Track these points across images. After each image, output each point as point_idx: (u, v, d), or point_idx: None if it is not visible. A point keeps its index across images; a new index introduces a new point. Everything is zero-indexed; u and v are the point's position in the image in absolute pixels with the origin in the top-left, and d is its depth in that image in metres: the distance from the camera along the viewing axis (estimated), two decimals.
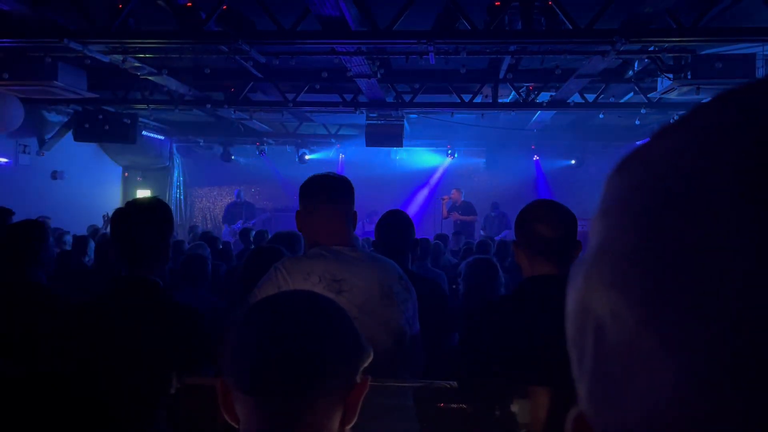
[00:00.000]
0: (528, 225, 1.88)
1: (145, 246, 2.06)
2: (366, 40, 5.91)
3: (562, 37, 5.63)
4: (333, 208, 2.11)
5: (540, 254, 1.85)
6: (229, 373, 0.88)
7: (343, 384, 0.91)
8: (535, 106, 8.81)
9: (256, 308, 0.93)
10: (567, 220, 1.88)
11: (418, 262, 6.11)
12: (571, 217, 1.90)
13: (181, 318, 2.06)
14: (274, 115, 10.91)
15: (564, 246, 1.86)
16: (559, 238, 1.84)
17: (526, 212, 1.92)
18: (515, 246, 1.93)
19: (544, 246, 1.84)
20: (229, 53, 6.28)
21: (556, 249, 1.84)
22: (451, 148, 13.62)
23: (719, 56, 6.20)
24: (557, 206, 1.92)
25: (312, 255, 2.08)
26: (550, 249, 1.84)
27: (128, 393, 1.86)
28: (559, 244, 1.84)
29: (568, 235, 1.87)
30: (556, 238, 1.84)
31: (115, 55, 6.61)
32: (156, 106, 9.64)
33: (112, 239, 2.08)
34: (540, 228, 1.85)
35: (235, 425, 0.89)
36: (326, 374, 0.88)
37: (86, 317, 1.98)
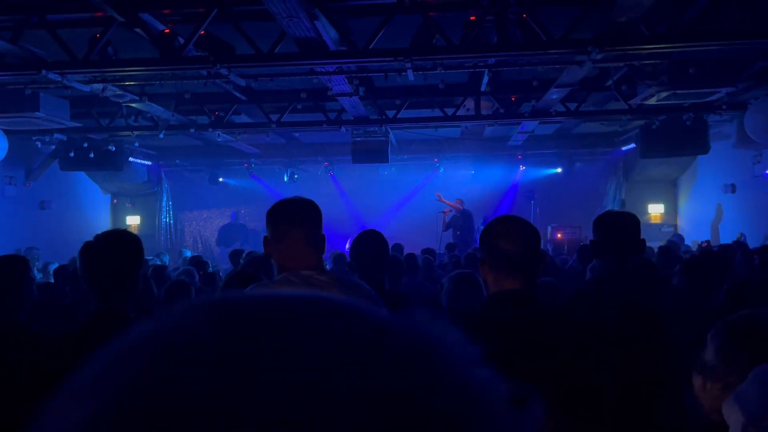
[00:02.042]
0: (491, 241, 1.90)
1: (114, 279, 2.05)
2: (344, 59, 5.95)
3: (538, 48, 5.68)
4: (300, 233, 2.11)
5: (504, 270, 1.87)
6: None
7: None
8: (517, 116, 8.88)
9: None
10: (529, 235, 1.91)
11: (409, 278, 6.12)
12: (534, 232, 1.94)
13: None
14: (261, 136, 10.95)
15: (527, 260, 1.88)
16: (522, 253, 1.87)
17: (489, 229, 1.95)
18: (480, 262, 1.95)
19: (508, 261, 1.86)
20: (208, 77, 6.31)
21: (520, 264, 1.87)
22: (438, 161, 13.70)
23: (692, 61, 6.28)
24: (519, 222, 1.94)
25: (280, 281, 2.08)
26: (514, 264, 1.86)
27: None
28: (522, 259, 1.87)
29: (531, 250, 1.90)
30: (519, 254, 1.86)
31: (95, 84, 6.63)
32: (141, 132, 9.66)
33: (81, 274, 2.08)
34: (503, 244, 1.87)
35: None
36: None
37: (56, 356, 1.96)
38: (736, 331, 1.17)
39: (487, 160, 13.62)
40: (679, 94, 6.70)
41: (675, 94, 6.70)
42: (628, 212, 2.66)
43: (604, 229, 2.59)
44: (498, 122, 9.37)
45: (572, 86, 7.36)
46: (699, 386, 1.19)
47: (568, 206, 13.44)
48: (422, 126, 9.98)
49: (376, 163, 10.63)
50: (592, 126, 10.91)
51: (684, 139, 9.09)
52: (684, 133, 9.02)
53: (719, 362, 1.15)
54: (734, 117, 9.77)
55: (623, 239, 2.53)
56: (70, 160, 10.12)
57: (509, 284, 1.87)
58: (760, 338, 1.13)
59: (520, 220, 1.96)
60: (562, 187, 13.85)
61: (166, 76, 6.69)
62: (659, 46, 5.63)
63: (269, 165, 14.03)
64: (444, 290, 4.08)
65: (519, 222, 1.95)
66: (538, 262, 1.91)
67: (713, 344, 1.19)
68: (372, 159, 10.32)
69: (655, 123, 9.20)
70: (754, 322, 1.18)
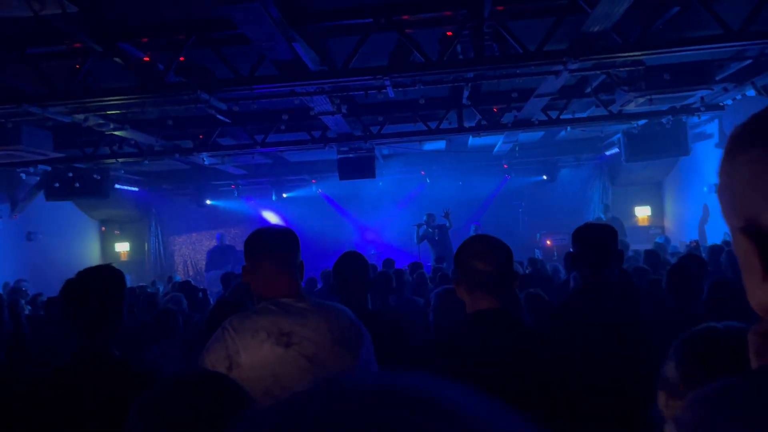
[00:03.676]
0: (465, 262, 1.95)
1: (96, 317, 2.06)
2: (323, 79, 5.99)
3: (514, 61, 5.75)
4: (277, 262, 2.13)
5: (479, 289, 1.92)
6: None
7: None
8: (499, 127, 8.95)
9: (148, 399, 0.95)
10: (502, 254, 1.96)
11: (396, 294, 6.14)
12: (506, 251, 1.99)
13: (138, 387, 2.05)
14: (247, 157, 10.97)
15: (500, 279, 1.93)
16: (495, 272, 1.92)
17: (462, 250, 1.99)
18: (455, 282, 1.99)
19: (482, 281, 1.91)
20: (189, 103, 6.33)
21: (494, 282, 1.91)
22: (426, 174, 13.77)
23: (667, 66, 6.38)
24: (491, 241, 1.99)
25: (259, 310, 2.09)
26: (488, 283, 1.91)
27: None
28: (496, 277, 1.92)
29: (504, 268, 1.95)
30: (492, 272, 1.91)
31: (77, 115, 6.63)
32: (125, 159, 9.65)
33: (63, 312, 2.08)
34: (477, 264, 1.92)
35: None
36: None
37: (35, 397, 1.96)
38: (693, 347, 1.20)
39: (473, 171, 13.69)
40: (655, 99, 6.80)
41: (652, 100, 6.80)
42: (605, 224, 2.70)
43: (581, 242, 2.63)
44: (481, 133, 9.44)
45: (552, 95, 7.44)
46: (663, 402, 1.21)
47: (555, 213, 13.52)
48: (406, 140, 10.03)
49: (363, 178, 10.65)
50: (576, 132, 11.01)
51: (665, 141, 9.19)
52: (664, 136, 9.13)
53: (679, 379, 1.17)
54: (714, 118, 9.90)
55: (600, 251, 2.56)
56: (55, 190, 10.09)
57: (485, 303, 1.92)
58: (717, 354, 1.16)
59: (493, 240, 2.00)
60: (549, 194, 13.94)
61: (148, 103, 6.71)
62: (632, 54, 5.72)
63: (257, 185, 14.04)
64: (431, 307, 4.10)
65: (492, 242, 1.99)
66: (512, 280, 1.97)
67: (673, 360, 1.21)
68: (359, 175, 10.35)
69: (636, 127, 9.30)
70: (711, 337, 1.21)
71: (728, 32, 5.27)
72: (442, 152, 12.84)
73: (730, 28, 5.27)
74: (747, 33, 5.25)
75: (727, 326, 1.24)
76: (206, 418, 0.91)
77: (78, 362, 2.05)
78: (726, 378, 0.71)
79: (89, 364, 2.03)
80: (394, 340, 2.70)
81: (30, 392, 2.01)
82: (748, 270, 0.74)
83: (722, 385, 0.70)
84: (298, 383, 2.01)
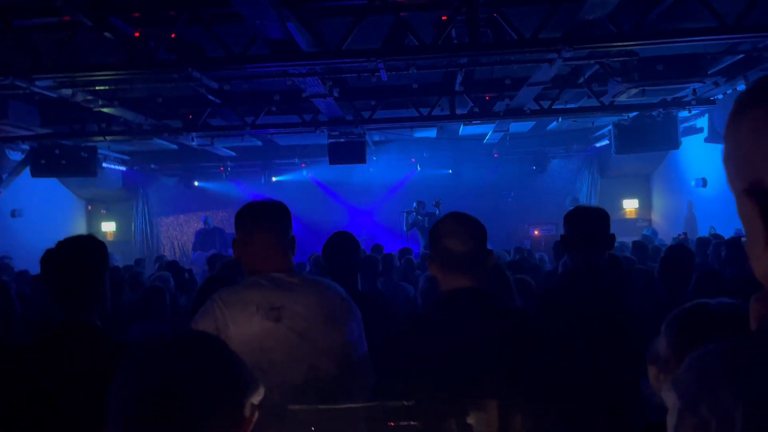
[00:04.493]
0: (439, 242, 1.94)
1: (79, 287, 2.02)
2: (316, 60, 5.94)
3: (509, 47, 5.73)
4: (268, 236, 2.11)
5: (453, 268, 1.91)
6: (112, 419, 0.88)
7: (227, 420, 0.92)
8: (491, 115, 8.93)
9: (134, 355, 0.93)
10: (476, 233, 1.95)
11: (384, 277, 6.13)
12: (480, 230, 1.98)
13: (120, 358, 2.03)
14: (237, 139, 10.88)
15: (475, 258, 1.93)
16: (469, 252, 1.91)
17: (436, 229, 1.98)
18: (429, 260, 1.98)
19: (456, 261, 1.91)
20: (179, 81, 6.26)
21: (468, 262, 1.91)
22: (416, 161, 13.75)
23: (660, 58, 6.39)
24: (466, 220, 1.98)
25: (249, 284, 2.07)
26: (462, 263, 1.90)
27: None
28: (470, 257, 1.91)
29: (479, 248, 1.94)
30: (467, 252, 1.90)
31: (64, 90, 6.53)
32: (113, 137, 9.54)
33: (43, 282, 2.04)
34: (451, 244, 1.92)
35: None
36: (204, 414, 0.88)
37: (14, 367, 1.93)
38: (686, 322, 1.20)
39: (464, 160, 13.68)
40: (648, 90, 6.81)
41: (644, 91, 6.81)
42: (598, 207, 2.70)
43: (573, 224, 2.62)
44: (473, 122, 9.43)
45: (545, 84, 7.42)
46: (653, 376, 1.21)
47: (544, 203, 13.57)
48: (398, 126, 9.99)
49: (354, 163, 10.61)
50: (567, 123, 11.03)
51: (655, 135, 9.22)
52: (655, 129, 9.15)
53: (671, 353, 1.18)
54: (705, 112, 9.95)
55: (592, 234, 2.56)
56: (41, 167, 9.94)
57: (459, 282, 1.92)
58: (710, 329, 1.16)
59: (467, 218, 1.99)
60: (538, 185, 13.98)
61: (137, 79, 6.62)
62: (627, 44, 5.72)
63: (246, 168, 13.95)
64: (419, 289, 4.11)
65: (466, 220, 1.98)
66: (486, 259, 1.96)
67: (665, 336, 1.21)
68: (349, 160, 10.29)
69: (627, 119, 9.33)
70: (703, 313, 1.21)
71: (723, 25, 5.28)
72: (433, 140, 12.83)
73: (725, 21, 5.28)
74: (742, 26, 5.26)
75: (719, 302, 1.24)
76: (196, 376, 0.90)
77: (59, 332, 2.01)
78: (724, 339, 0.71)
79: (70, 335, 1.99)
80: (384, 320, 2.69)
81: (9, 361, 1.98)
82: (752, 235, 0.74)
83: (721, 344, 0.70)
84: (286, 357, 2.01)
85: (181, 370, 0.90)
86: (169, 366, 0.90)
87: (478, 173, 14.11)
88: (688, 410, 0.69)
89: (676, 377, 0.72)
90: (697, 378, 0.69)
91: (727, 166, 0.78)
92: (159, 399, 0.87)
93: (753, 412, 0.63)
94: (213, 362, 0.93)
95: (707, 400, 0.67)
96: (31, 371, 1.91)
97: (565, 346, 2.01)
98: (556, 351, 1.93)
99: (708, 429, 0.67)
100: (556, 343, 1.96)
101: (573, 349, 2.13)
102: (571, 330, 2.18)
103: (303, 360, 2.00)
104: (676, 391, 0.71)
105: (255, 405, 0.96)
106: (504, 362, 1.78)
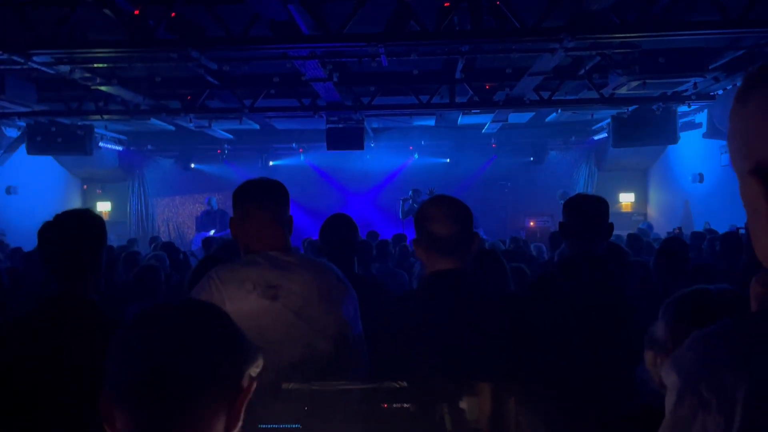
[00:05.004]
0: (424, 224, 1.95)
1: (75, 261, 2.00)
2: (317, 43, 5.90)
3: (511, 36, 5.70)
4: (266, 214, 2.10)
5: (437, 251, 1.92)
6: (109, 386, 0.88)
7: (225, 389, 0.91)
8: (491, 104, 8.91)
9: (133, 321, 0.93)
10: (461, 216, 1.95)
11: (380, 263, 6.14)
12: (465, 213, 1.98)
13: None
14: (234, 121, 10.83)
15: (459, 241, 1.93)
16: (453, 235, 1.92)
17: (422, 212, 1.99)
18: (415, 243, 1.99)
19: (441, 244, 1.92)
20: (178, 61, 6.21)
21: (452, 245, 1.91)
22: (413, 149, 13.73)
23: (662, 51, 6.37)
24: (451, 204, 1.98)
25: (246, 262, 2.07)
26: (446, 246, 1.91)
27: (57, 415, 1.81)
28: (454, 240, 1.91)
29: (463, 231, 1.94)
30: (451, 236, 1.91)
31: (62, 66, 6.48)
32: (111, 116, 9.48)
33: (40, 255, 2.03)
34: (435, 227, 1.92)
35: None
36: (202, 381, 0.88)
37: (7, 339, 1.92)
38: (684, 307, 1.20)
39: (461, 149, 13.66)
40: (649, 83, 6.79)
41: (645, 84, 6.79)
42: (598, 196, 2.69)
43: (572, 212, 2.62)
44: (472, 111, 9.40)
45: (545, 74, 7.40)
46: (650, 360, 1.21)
47: (541, 194, 13.58)
48: (397, 113, 9.96)
49: (352, 149, 10.58)
50: (566, 115, 11.00)
51: (654, 129, 9.21)
52: (654, 123, 9.15)
53: (669, 337, 1.18)
54: (704, 108, 9.94)
55: (590, 223, 2.56)
56: (37, 145, 9.89)
57: (443, 264, 1.92)
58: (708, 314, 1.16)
59: (453, 201, 1.99)
60: (536, 176, 13.98)
61: (136, 58, 6.57)
62: (630, 35, 5.69)
63: (243, 152, 13.89)
64: (415, 274, 4.11)
65: (450, 203, 1.98)
66: (470, 242, 1.96)
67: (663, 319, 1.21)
68: (347, 146, 10.26)
69: (626, 113, 9.31)
70: (702, 298, 1.21)
71: (727, 19, 5.26)
72: (431, 128, 12.80)
73: (729, 15, 5.26)
74: (746, 21, 5.24)
75: (718, 288, 1.24)
76: (196, 342, 0.90)
77: (53, 306, 2.00)
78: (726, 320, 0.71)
79: (65, 308, 1.98)
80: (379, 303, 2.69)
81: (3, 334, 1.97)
82: (755, 215, 0.73)
83: (722, 325, 0.70)
84: (282, 336, 2.00)
85: (181, 336, 0.89)
86: (169, 332, 0.89)
87: (476, 163, 14.10)
88: (688, 389, 0.69)
89: (677, 357, 0.71)
90: (698, 357, 0.69)
91: (731, 144, 0.77)
92: (159, 365, 0.86)
93: (756, 391, 0.63)
94: (214, 329, 0.93)
95: (708, 379, 0.67)
96: (25, 343, 1.90)
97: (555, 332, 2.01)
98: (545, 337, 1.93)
99: (708, 408, 0.67)
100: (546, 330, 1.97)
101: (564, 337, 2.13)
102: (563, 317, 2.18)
103: (299, 339, 2.00)
104: (677, 371, 0.70)
105: (253, 377, 0.96)
106: (487, 344, 1.78)
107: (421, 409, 1.96)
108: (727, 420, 0.65)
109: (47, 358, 1.85)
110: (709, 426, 0.66)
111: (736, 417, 0.64)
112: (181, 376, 0.87)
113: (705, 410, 0.67)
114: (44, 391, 1.82)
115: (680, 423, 0.70)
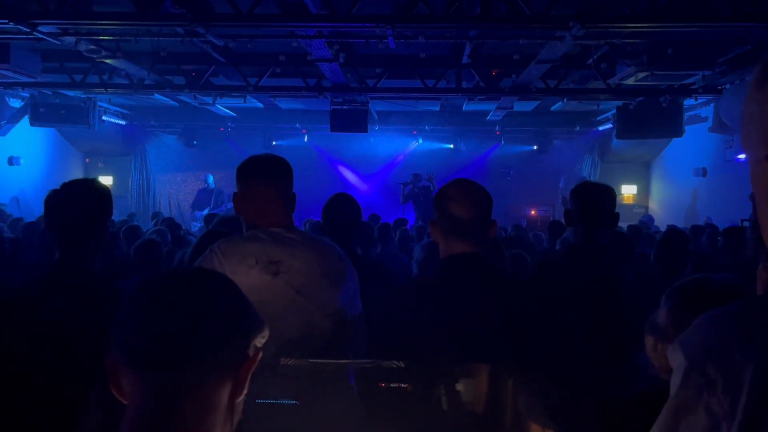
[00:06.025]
0: (444, 206, 1.93)
1: (80, 229, 2.01)
2: (325, 23, 5.85)
3: (520, 22, 5.66)
4: (270, 190, 2.10)
5: (455, 234, 1.91)
6: (117, 349, 0.88)
7: (232, 357, 0.92)
8: (497, 91, 8.87)
9: (144, 285, 0.93)
10: (481, 200, 1.94)
11: (382, 247, 6.15)
12: (486, 198, 1.96)
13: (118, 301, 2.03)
14: (238, 100, 10.78)
15: (478, 226, 1.92)
16: (473, 219, 1.90)
17: (442, 193, 1.97)
18: (431, 224, 1.97)
19: (459, 227, 1.90)
20: (185, 36, 6.17)
21: (471, 229, 1.90)
22: (417, 133, 13.69)
23: (670, 42, 6.33)
24: (472, 187, 1.96)
25: (248, 237, 2.07)
26: (465, 229, 1.90)
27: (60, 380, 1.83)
28: (474, 224, 1.90)
29: (482, 216, 1.93)
30: (470, 219, 1.89)
31: (67, 38, 6.44)
32: (115, 90, 9.44)
33: (45, 222, 2.04)
34: (455, 209, 1.90)
35: (124, 402, 0.89)
36: (211, 348, 0.89)
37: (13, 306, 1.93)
38: (687, 294, 1.21)
39: (465, 135, 13.62)
40: (657, 74, 6.75)
41: (653, 75, 6.74)
42: (605, 184, 2.68)
43: (577, 199, 2.61)
44: (477, 97, 9.35)
45: (553, 62, 7.35)
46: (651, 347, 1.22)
47: (543, 184, 13.56)
48: (403, 96, 9.91)
49: (355, 132, 10.53)
50: (571, 104, 10.94)
51: (659, 121, 9.17)
52: (659, 115, 9.10)
53: (670, 324, 1.18)
54: (709, 101, 9.89)
55: (594, 211, 2.55)
56: (40, 116, 9.86)
57: (460, 247, 1.91)
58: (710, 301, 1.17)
59: (473, 185, 1.97)
60: (538, 165, 13.95)
61: (142, 32, 6.52)
62: (639, 25, 5.65)
63: (246, 130, 13.84)
64: (415, 258, 4.12)
65: (472, 187, 1.96)
66: (488, 227, 1.95)
67: (665, 306, 1.22)
68: (351, 128, 10.21)
69: (632, 104, 9.26)
70: (704, 286, 1.22)
71: (737, 12, 5.22)
72: (435, 113, 12.75)
73: (739, 8, 5.22)
74: (756, 15, 5.21)
75: (721, 276, 1.25)
76: (205, 309, 0.90)
77: (57, 273, 2.01)
78: (733, 303, 0.71)
79: (69, 275, 1.99)
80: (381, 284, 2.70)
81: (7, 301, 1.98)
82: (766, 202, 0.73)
83: (731, 307, 0.70)
84: (283, 312, 2.01)
85: (190, 303, 0.89)
86: (178, 298, 0.90)
87: (479, 149, 14.06)
88: (694, 369, 0.69)
89: (684, 338, 0.72)
90: (706, 338, 0.69)
91: (745, 129, 0.76)
92: (169, 329, 0.87)
93: (764, 372, 0.64)
94: (221, 297, 0.93)
95: (715, 359, 0.68)
96: (29, 309, 1.91)
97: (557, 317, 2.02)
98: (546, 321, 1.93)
99: (714, 388, 0.67)
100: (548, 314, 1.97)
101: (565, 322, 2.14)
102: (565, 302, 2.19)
103: (299, 315, 2.01)
104: (683, 351, 0.71)
105: (258, 347, 0.96)
106: (501, 328, 1.79)
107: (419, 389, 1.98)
108: (733, 400, 0.65)
109: (50, 324, 1.86)
110: (714, 407, 0.67)
111: (742, 397, 0.64)
112: (191, 341, 0.87)
113: (710, 390, 0.67)
114: (47, 356, 1.83)
115: (683, 404, 0.70)
